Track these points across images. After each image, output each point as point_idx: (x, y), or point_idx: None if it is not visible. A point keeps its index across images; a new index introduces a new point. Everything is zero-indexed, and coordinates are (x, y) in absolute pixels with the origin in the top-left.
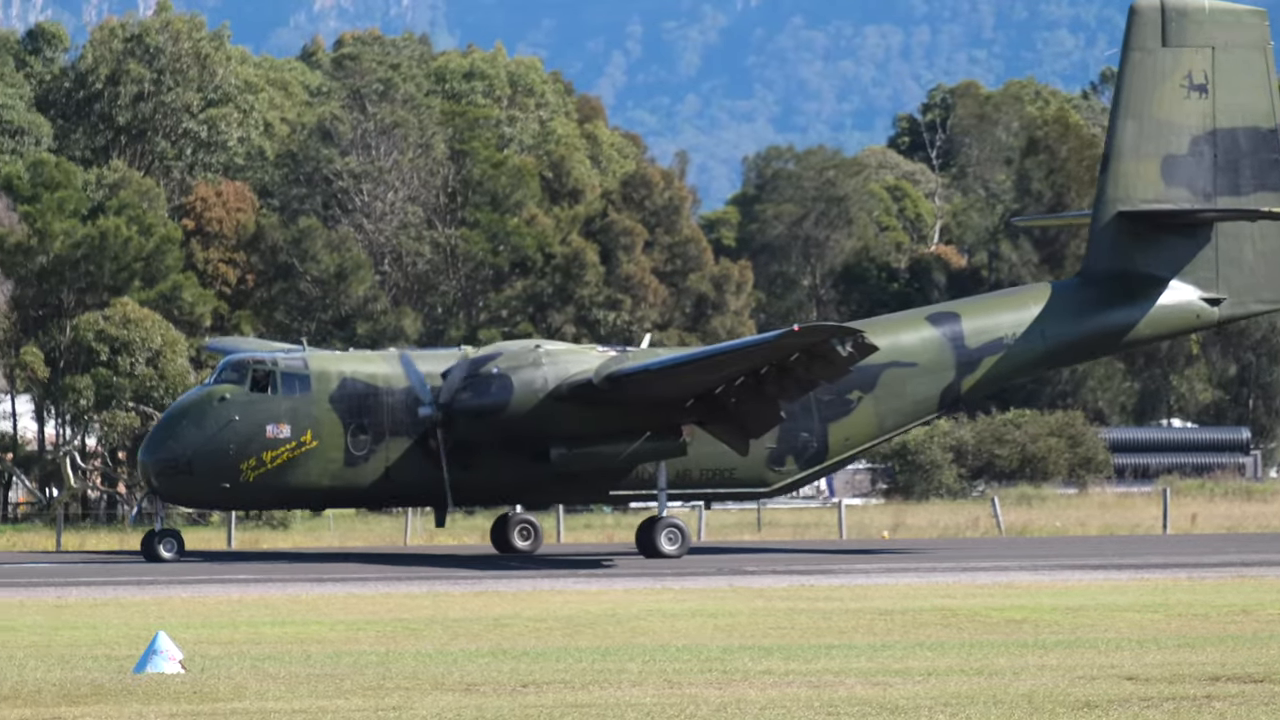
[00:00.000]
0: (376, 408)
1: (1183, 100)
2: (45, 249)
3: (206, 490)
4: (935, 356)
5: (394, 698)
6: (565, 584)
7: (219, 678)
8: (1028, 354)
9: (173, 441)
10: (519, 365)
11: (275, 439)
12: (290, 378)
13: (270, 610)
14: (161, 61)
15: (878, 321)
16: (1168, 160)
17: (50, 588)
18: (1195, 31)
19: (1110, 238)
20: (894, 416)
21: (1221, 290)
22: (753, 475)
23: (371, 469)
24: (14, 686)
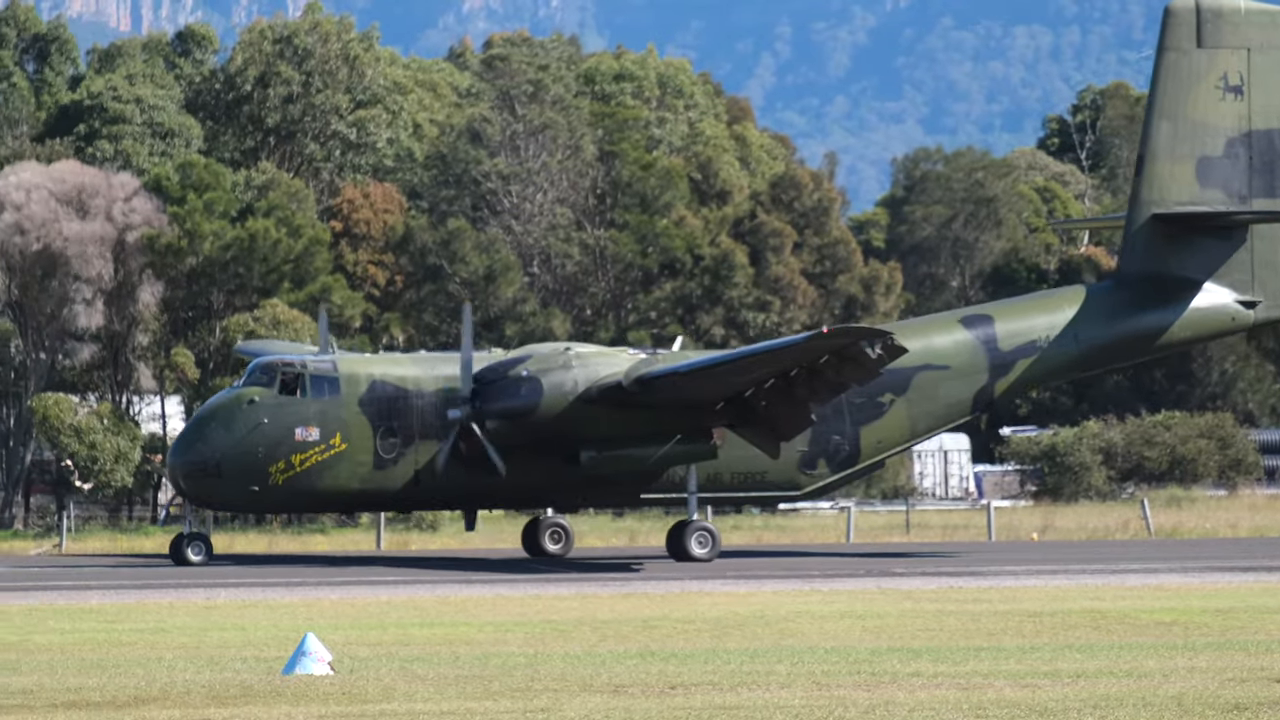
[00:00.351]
0: (406, 410)
1: (1218, 102)
2: (195, 250)
3: (235, 493)
4: (968, 359)
5: (542, 699)
6: (713, 585)
7: (367, 679)
8: (1061, 357)
9: (201, 444)
10: (549, 368)
11: (304, 442)
12: (319, 380)
13: (419, 612)
14: (311, 63)
15: (911, 324)
16: (1203, 162)
17: (200, 589)
18: (1230, 33)
19: (1145, 240)
20: (926, 419)
21: (1257, 293)
22: (784, 478)
23: (401, 472)
24: (163, 688)
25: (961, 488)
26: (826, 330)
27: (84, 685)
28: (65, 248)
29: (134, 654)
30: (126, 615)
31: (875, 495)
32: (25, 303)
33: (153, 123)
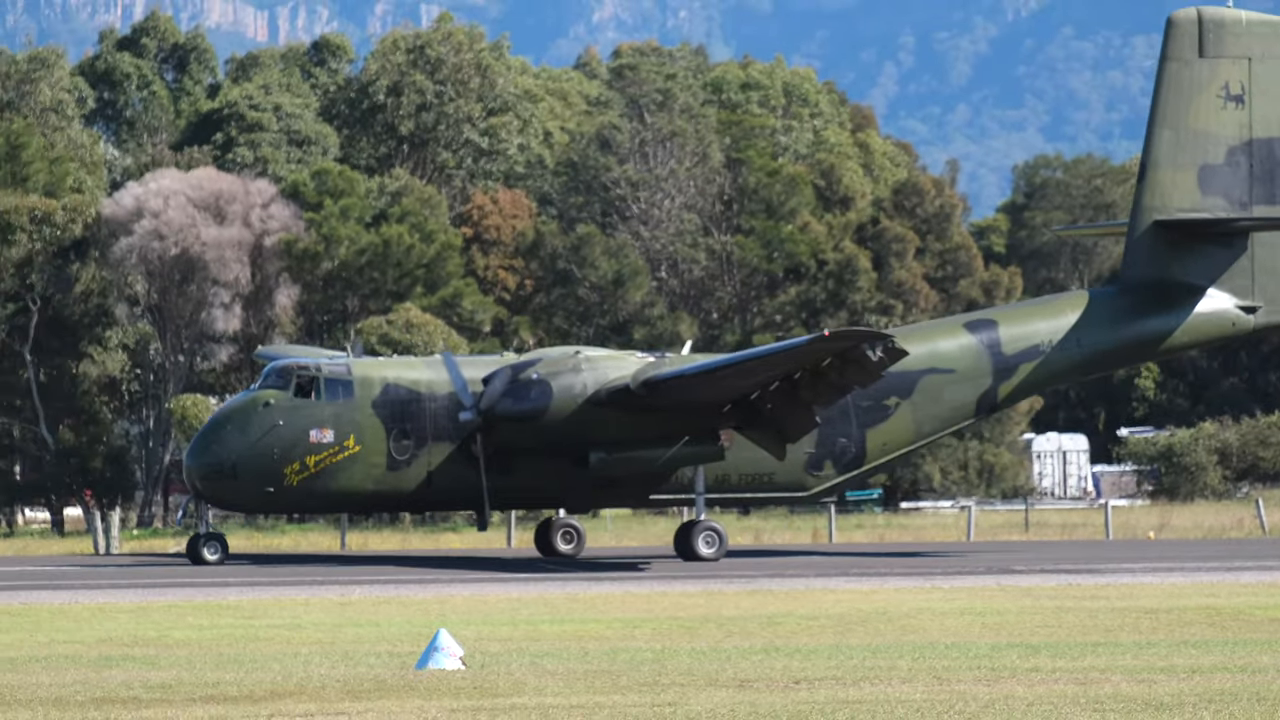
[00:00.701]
0: (419, 413)
1: (1219, 110)
2: (331, 255)
3: (250, 494)
4: (972, 363)
5: (669, 694)
6: (837, 583)
7: (498, 674)
8: (1064, 361)
9: (217, 446)
10: (559, 371)
11: (318, 444)
12: (334, 383)
13: (549, 608)
14: (443, 72)
15: (916, 329)
16: (1204, 170)
17: (335, 586)
18: (1232, 43)
19: (1147, 246)
20: (931, 422)
21: (1257, 298)
22: (791, 480)
23: (414, 474)
24: (299, 682)
25: (1080, 487)
26: (828, 333)
27: (221, 680)
28: (203, 252)
29: (270, 649)
30: (263, 611)
31: (995, 495)
32: (164, 306)
33: (289, 130)
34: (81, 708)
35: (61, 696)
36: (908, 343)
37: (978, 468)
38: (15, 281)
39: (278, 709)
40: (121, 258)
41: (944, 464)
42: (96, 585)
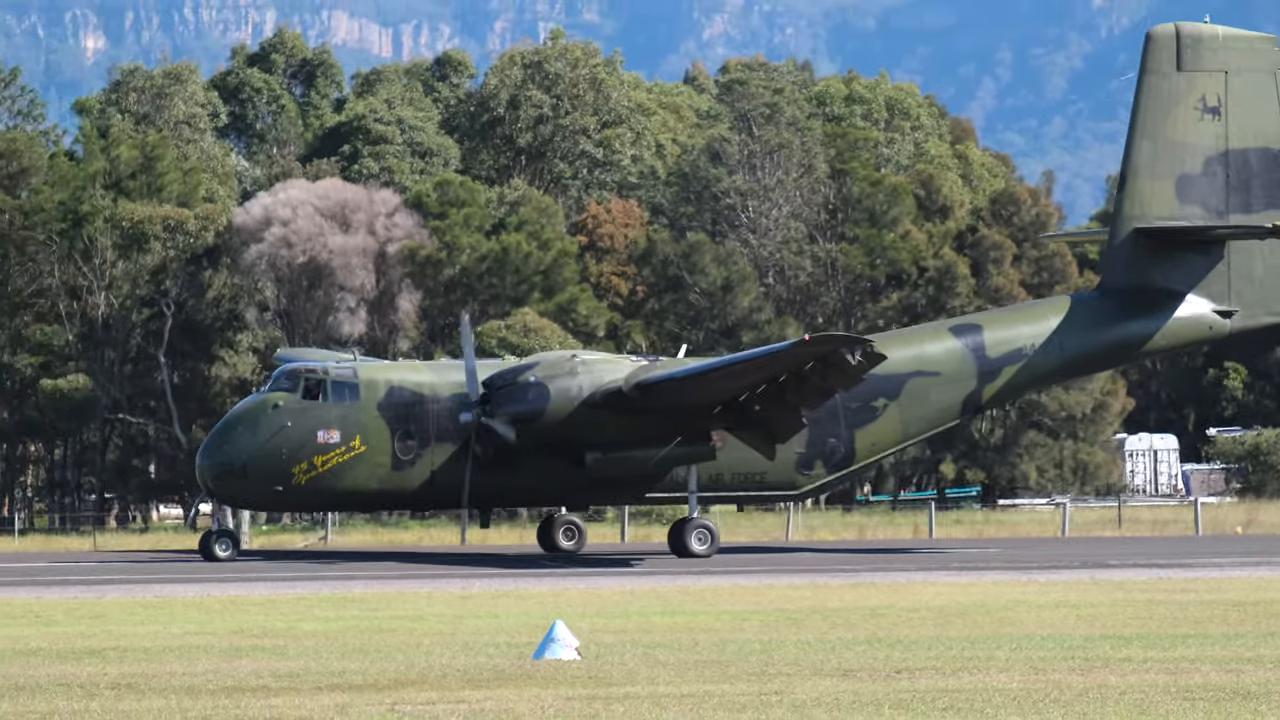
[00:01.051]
0: (422, 414)
1: (1196, 122)
2: (452, 262)
3: (260, 493)
4: (958, 366)
5: (776, 683)
6: (937, 576)
7: (612, 664)
8: (1046, 364)
9: (228, 446)
10: (555, 374)
11: (326, 444)
12: (340, 386)
13: (660, 600)
14: (560, 87)
15: (903, 333)
16: (1182, 179)
17: (456, 580)
18: (1209, 57)
19: (1127, 253)
20: (918, 423)
21: (1234, 303)
22: (783, 479)
23: (418, 473)
24: (421, 672)
25: (1170, 485)
26: (808, 338)
27: (347, 669)
28: (330, 259)
29: (394, 640)
30: (387, 604)
31: (1089, 492)
32: (293, 311)
33: (412, 143)
34: (213, 696)
35: (194, 685)
36: (895, 346)
37: (1072, 466)
38: (151, 288)
39: (401, 697)
40: (252, 264)
41: (1040, 462)
42: (228, 579)
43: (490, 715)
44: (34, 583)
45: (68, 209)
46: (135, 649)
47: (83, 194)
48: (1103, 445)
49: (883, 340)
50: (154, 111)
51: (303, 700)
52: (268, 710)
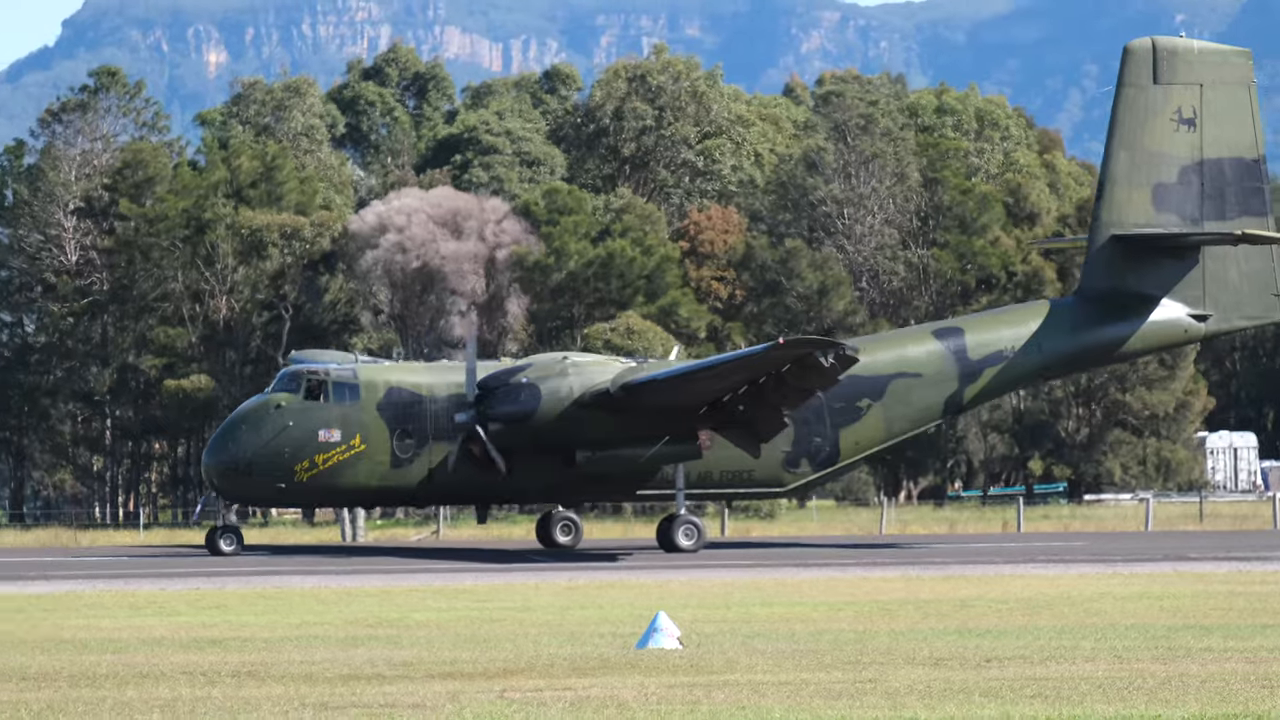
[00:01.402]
0: (420, 414)
1: (1172, 133)
2: (560, 267)
3: (264, 490)
4: (940, 368)
5: (870, 671)
6: (1025, 569)
7: (713, 653)
8: (1026, 365)
9: (233, 445)
10: (547, 375)
11: (327, 443)
12: (341, 387)
13: (759, 592)
14: (662, 99)
15: (887, 336)
16: (1158, 188)
17: (562, 573)
18: (1185, 70)
19: (1105, 259)
20: (901, 422)
21: (1208, 307)
22: (770, 476)
23: (416, 471)
24: (530, 660)
25: (1249, 481)
26: (782, 341)
27: (458, 658)
28: (442, 265)
29: (503, 630)
30: (496, 595)
31: (1172, 488)
32: (406, 315)
33: (521, 153)
34: (330, 683)
35: (311, 673)
36: (880, 349)
37: (1155, 463)
38: (270, 292)
39: (510, 684)
40: (367, 270)
41: (1124, 459)
42: (344, 571)
43: (595, 702)
44: (158, 575)
45: (191, 216)
46: (255, 638)
47: (205, 202)
48: (1184, 443)
49: (868, 343)
50: (273, 123)
51: (415, 687)
52: (382, 697)
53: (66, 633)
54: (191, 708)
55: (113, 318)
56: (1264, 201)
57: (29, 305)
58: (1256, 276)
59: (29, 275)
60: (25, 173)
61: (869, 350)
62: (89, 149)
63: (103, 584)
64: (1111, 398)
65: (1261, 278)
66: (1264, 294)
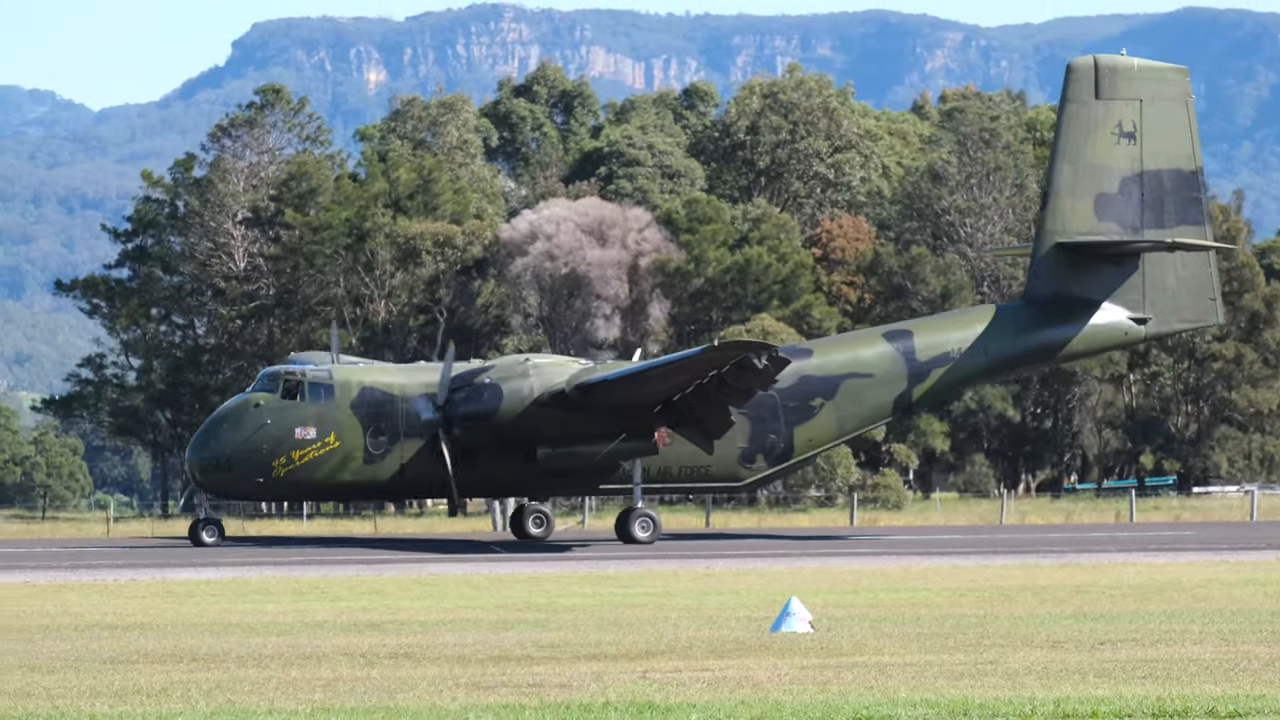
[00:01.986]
0: (392, 412)
1: (1113, 146)
2: (699, 273)
3: (243, 485)
4: (889, 368)
5: (990, 653)
6: (1137, 557)
7: (842, 636)
8: (972, 366)
9: (214, 442)
10: (509, 376)
11: (303, 440)
12: (317, 386)
13: (886, 579)
14: (795, 114)
15: (840, 338)
16: (1100, 198)
17: (700, 559)
18: (1125, 86)
19: (1049, 266)
20: (853, 420)
21: (1148, 311)
22: (726, 472)
23: (388, 466)
24: (669, 643)
25: None
26: (717, 344)
27: (602, 640)
28: (588, 271)
29: (644, 614)
30: (638, 581)
31: (1276, 480)
32: (554, 318)
33: (662, 165)
34: (481, 664)
35: (463, 655)
36: (832, 350)
37: (1260, 457)
38: (425, 296)
39: (651, 666)
40: (517, 275)
41: (1231, 454)
42: (494, 559)
43: (731, 683)
44: (320, 562)
45: (352, 225)
46: (411, 622)
47: (365, 212)
48: None
49: (822, 345)
50: (429, 137)
51: (562, 668)
52: (530, 677)
53: (234, 616)
54: (351, 687)
55: (278, 320)
56: (1201, 211)
57: (199, 309)
58: (1194, 282)
59: (200, 281)
60: (195, 184)
61: (823, 352)
62: (256, 162)
63: (269, 570)
64: (1219, 395)
65: (1198, 283)
66: (1201, 298)
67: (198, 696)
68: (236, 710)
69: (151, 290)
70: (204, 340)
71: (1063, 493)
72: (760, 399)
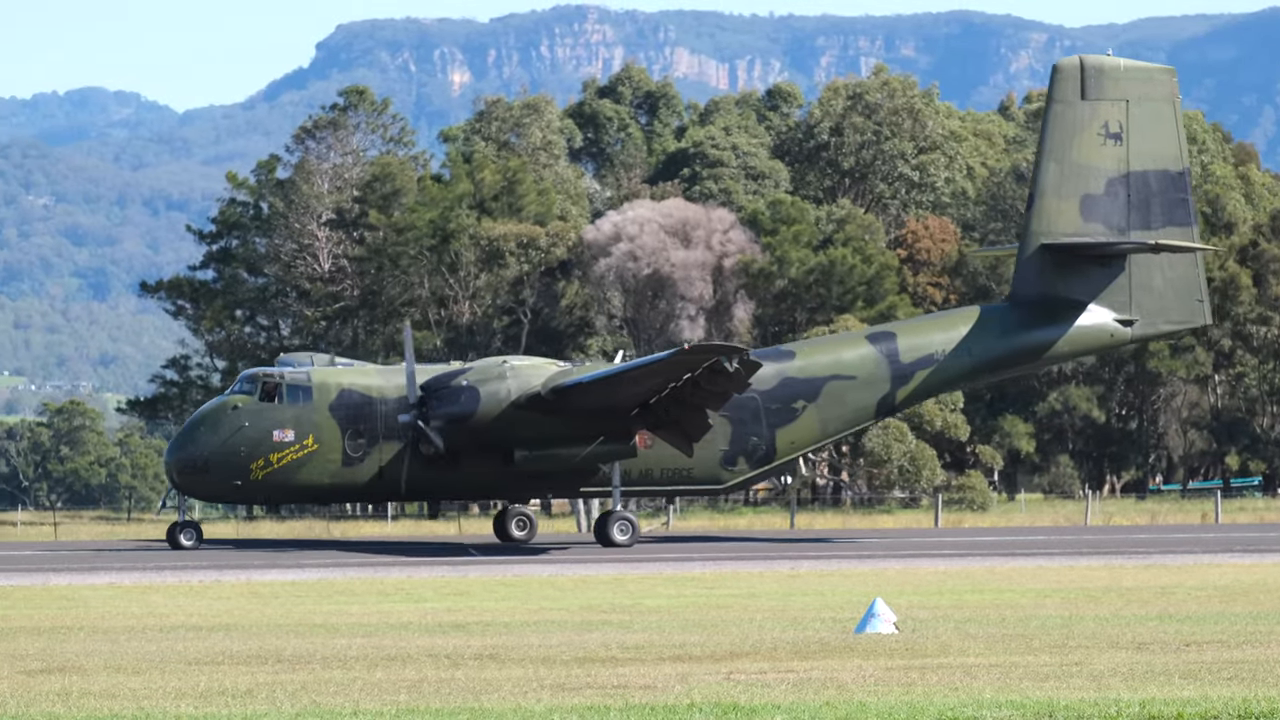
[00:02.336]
0: (371, 415)
1: (1099, 147)
2: (783, 274)
3: (221, 487)
4: (872, 370)
5: (1076, 654)
6: (1222, 559)
7: (927, 637)
8: (956, 368)
9: (192, 445)
10: (485, 378)
11: (281, 442)
12: (295, 389)
13: (970, 580)
14: (879, 115)
15: (823, 340)
16: (1086, 199)
17: (784, 561)
18: (1111, 87)
19: (1035, 267)
20: (835, 422)
21: (1134, 313)
22: (708, 474)
23: (367, 469)
24: (754, 644)
25: None
26: (687, 347)
27: (687, 641)
28: (672, 272)
29: (729, 615)
30: (723, 582)
31: None
32: (638, 319)
33: (746, 166)
34: (566, 666)
35: (549, 656)
36: (815, 353)
37: None
38: (509, 297)
39: (736, 667)
40: (601, 276)
41: None
42: (578, 560)
43: (816, 684)
44: (404, 564)
45: (436, 227)
46: (496, 623)
47: (450, 213)
48: None
49: (804, 347)
50: (513, 138)
51: (647, 670)
52: (615, 678)
53: (319, 617)
54: (436, 688)
55: (362, 322)
56: (1188, 212)
57: (284, 310)
58: (1181, 283)
59: (284, 282)
60: (279, 186)
61: (805, 354)
62: (340, 163)
63: (353, 572)
64: None
65: (1185, 284)
66: (1188, 300)
67: (283, 698)
68: (322, 712)
69: (236, 291)
70: (288, 341)
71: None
72: (742, 401)
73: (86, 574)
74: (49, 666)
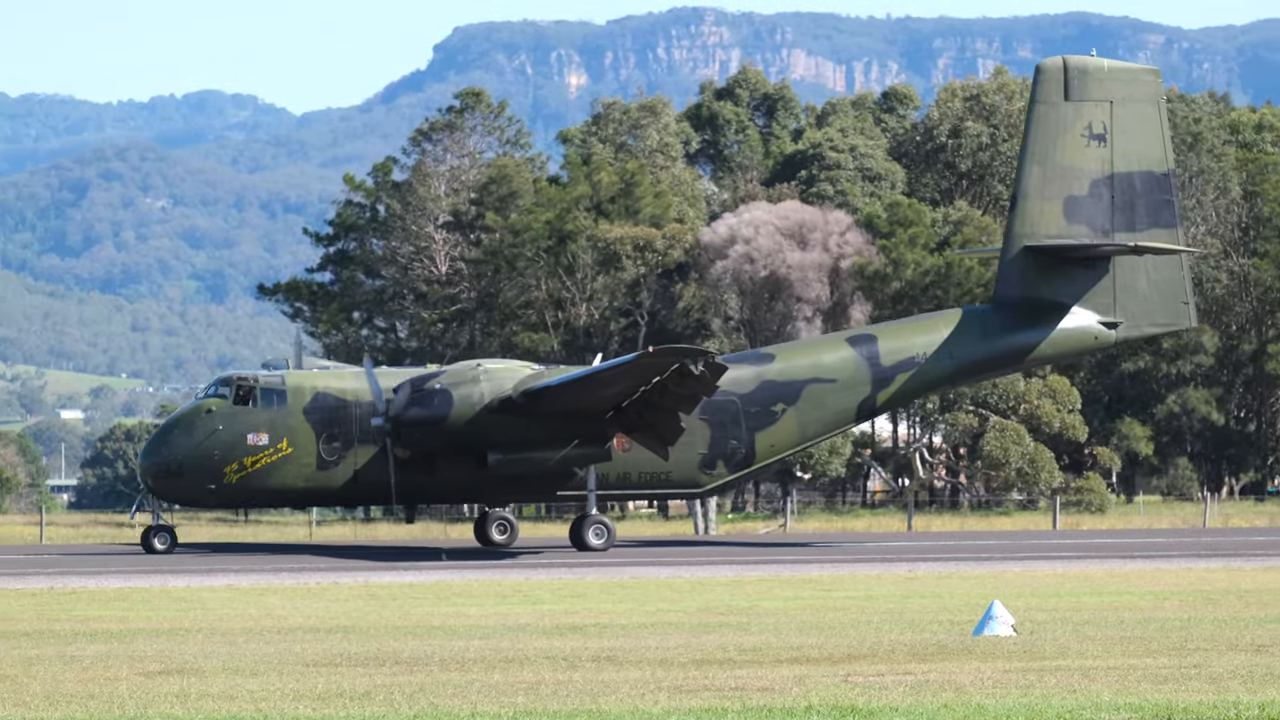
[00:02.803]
0: (346, 418)
1: (1083, 148)
2: (899, 276)
3: (195, 491)
4: (853, 373)
5: (1194, 657)
6: None
7: (1045, 640)
8: (937, 371)
9: (165, 448)
10: (459, 382)
11: (255, 446)
12: (269, 392)
13: (1088, 582)
14: (997, 117)
15: (803, 343)
16: (1070, 201)
17: (903, 563)
18: (1095, 88)
19: (1018, 269)
20: (815, 426)
21: (1118, 315)
22: (686, 478)
23: (342, 472)
24: (872, 646)
25: None
26: (651, 350)
27: (804, 644)
28: (788, 274)
29: (846, 618)
30: (840, 585)
31: None
32: (755, 320)
33: (863, 168)
34: (683, 668)
35: (666, 658)
36: (795, 356)
37: None
38: (626, 299)
39: (853, 670)
40: (718, 278)
41: None
42: (695, 561)
43: (934, 686)
44: (521, 566)
45: (553, 229)
46: (613, 625)
47: (567, 215)
48: None
49: (784, 350)
50: (630, 141)
51: (764, 672)
52: (733, 681)
53: (436, 619)
54: (554, 690)
55: (479, 324)
56: (1173, 214)
57: (401, 312)
58: (1165, 285)
59: (401, 284)
60: (396, 188)
61: (785, 357)
62: (456, 165)
63: (471, 574)
64: None
65: (1170, 286)
66: (1173, 302)
67: (400, 700)
68: (439, 713)
69: (353, 294)
70: (405, 343)
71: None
72: (721, 404)
73: (205, 576)
74: (167, 668)
